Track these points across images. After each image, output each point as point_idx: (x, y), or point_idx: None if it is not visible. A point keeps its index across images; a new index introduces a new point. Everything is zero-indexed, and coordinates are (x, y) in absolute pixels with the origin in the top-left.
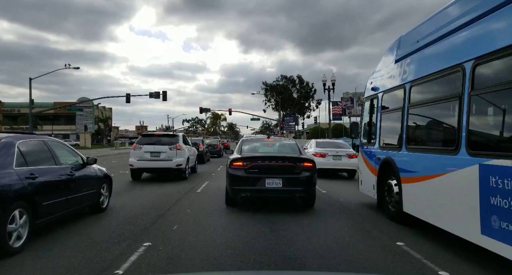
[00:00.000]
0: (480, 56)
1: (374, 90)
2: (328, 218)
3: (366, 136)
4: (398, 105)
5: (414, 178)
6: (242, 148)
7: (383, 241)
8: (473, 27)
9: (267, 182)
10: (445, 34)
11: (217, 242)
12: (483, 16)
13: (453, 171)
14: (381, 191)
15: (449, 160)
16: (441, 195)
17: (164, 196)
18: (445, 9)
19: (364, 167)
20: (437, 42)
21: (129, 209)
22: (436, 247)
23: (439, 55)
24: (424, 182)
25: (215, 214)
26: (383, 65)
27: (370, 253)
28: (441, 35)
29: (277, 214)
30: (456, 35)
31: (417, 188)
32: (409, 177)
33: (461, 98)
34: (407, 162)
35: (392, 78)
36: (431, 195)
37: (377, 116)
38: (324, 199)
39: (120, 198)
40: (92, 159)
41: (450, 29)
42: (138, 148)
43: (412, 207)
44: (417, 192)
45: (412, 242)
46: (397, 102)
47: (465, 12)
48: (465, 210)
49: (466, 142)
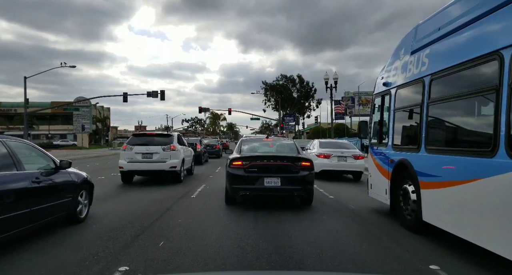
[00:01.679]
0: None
1: (385, 85)
2: (340, 230)
3: (376, 135)
4: (416, 101)
5: (436, 183)
6: (242, 148)
7: (412, 262)
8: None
9: (266, 181)
10: (475, 19)
11: (209, 265)
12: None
13: (489, 177)
14: (395, 197)
15: (483, 164)
16: (474, 205)
17: (155, 203)
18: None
19: (375, 169)
20: (464, 28)
21: (112, 219)
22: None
23: (467, 42)
24: (450, 189)
25: (210, 225)
26: (396, 58)
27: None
28: (470, 20)
29: (282, 226)
30: (490, 19)
31: (441, 195)
32: (430, 182)
33: (498, 90)
34: (427, 165)
35: (407, 72)
36: (461, 204)
37: (390, 114)
38: (332, 206)
39: (105, 205)
40: (66, 163)
41: (480, 12)
42: (129, 148)
43: (434, 217)
44: (441, 200)
45: (449, 265)
46: (414, 98)
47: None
48: (506, 223)
49: (507, 142)
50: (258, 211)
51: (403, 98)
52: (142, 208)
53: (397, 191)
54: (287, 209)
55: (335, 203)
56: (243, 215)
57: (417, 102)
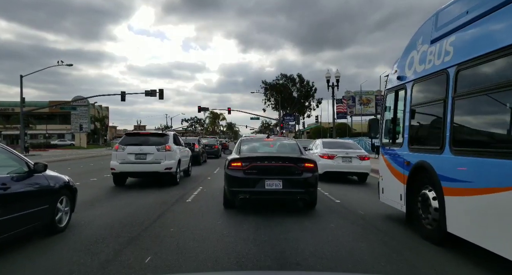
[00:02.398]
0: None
1: (400, 79)
2: (352, 243)
3: (389, 135)
4: (437, 96)
5: (466, 190)
6: (241, 148)
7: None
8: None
9: (266, 183)
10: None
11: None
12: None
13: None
14: (411, 203)
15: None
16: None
17: (146, 208)
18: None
19: (387, 172)
20: (501, 9)
21: (96, 228)
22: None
23: (506, 26)
24: (485, 197)
25: (206, 235)
26: (412, 49)
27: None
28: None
29: (286, 236)
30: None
31: (472, 203)
32: (456, 189)
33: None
34: (453, 168)
35: (426, 63)
36: (499, 215)
37: (405, 111)
38: (339, 212)
39: (91, 211)
40: (41, 165)
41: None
42: (121, 149)
43: (463, 228)
44: (473, 209)
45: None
46: (435, 92)
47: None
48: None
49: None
50: (259, 218)
51: (422, 93)
52: (131, 215)
53: (415, 197)
54: (290, 214)
55: (342, 209)
56: (243, 223)
57: (440, 97)
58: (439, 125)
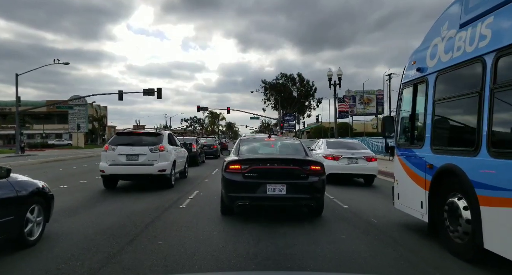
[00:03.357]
0: None
1: (420, 71)
2: (368, 259)
3: (406, 134)
4: (470, 88)
5: (509, 200)
6: (240, 148)
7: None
8: None
9: (268, 188)
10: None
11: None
12: None
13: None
14: (436, 212)
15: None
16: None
17: (135, 215)
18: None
19: (404, 176)
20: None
21: (74, 241)
22: None
23: None
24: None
25: (199, 249)
26: (435, 36)
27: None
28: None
29: (291, 251)
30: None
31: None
32: (497, 198)
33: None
34: (492, 173)
35: (455, 51)
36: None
37: (427, 107)
38: (350, 220)
39: (73, 219)
40: (2, 170)
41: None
42: (111, 149)
43: (506, 246)
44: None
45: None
46: (466, 84)
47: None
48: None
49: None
50: (260, 227)
51: (448, 85)
52: (117, 224)
53: (440, 206)
54: (295, 223)
55: (352, 216)
56: (242, 234)
57: (473, 89)
58: (472, 122)
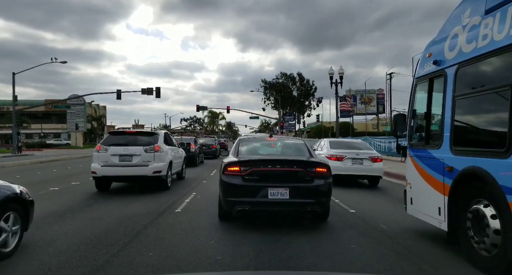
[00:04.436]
0: None
1: (437, 64)
2: (382, 272)
3: (420, 133)
4: (499, 81)
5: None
6: (239, 149)
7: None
8: None
9: (270, 192)
10: None
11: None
12: None
13: None
14: (457, 220)
15: None
16: None
17: (126, 221)
18: None
19: (419, 179)
20: None
21: (54, 252)
22: None
23: None
24: None
25: (193, 263)
26: (454, 24)
27: None
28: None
29: (296, 263)
30: None
31: None
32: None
33: None
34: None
35: (480, 39)
36: None
37: (445, 102)
38: (358, 226)
39: (59, 226)
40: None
41: None
42: (103, 149)
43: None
44: None
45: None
46: (494, 76)
47: None
48: None
49: None
50: (261, 235)
51: (472, 79)
52: (105, 231)
53: (462, 213)
54: (299, 230)
55: (359, 221)
56: (241, 244)
57: (503, 82)
58: (503, 119)
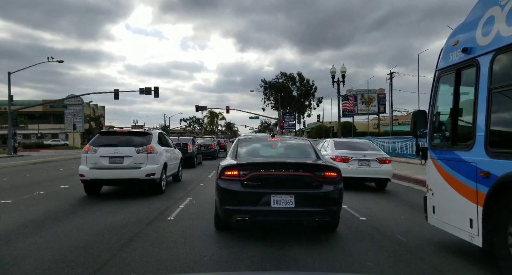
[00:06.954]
0: None
1: (467, 52)
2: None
3: (444, 132)
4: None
5: None
6: (238, 150)
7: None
8: None
9: (273, 200)
10: None
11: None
12: None
13: None
14: (494, 235)
15: None
16: None
17: (110, 231)
18: None
19: (444, 185)
20: None
21: (21, 272)
22: None
23: None
24: None
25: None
26: (488, 5)
27: None
28: None
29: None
30: None
31: None
32: None
33: None
34: None
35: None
36: None
37: (478, 97)
38: (373, 238)
39: (33, 237)
40: None
41: None
42: (92, 151)
43: None
44: None
45: None
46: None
47: None
48: None
49: None
50: (263, 249)
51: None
52: (84, 245)
53: (501, 227)
54: (307, 243)
55: (373, 232)
56: (240, 259)
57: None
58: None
